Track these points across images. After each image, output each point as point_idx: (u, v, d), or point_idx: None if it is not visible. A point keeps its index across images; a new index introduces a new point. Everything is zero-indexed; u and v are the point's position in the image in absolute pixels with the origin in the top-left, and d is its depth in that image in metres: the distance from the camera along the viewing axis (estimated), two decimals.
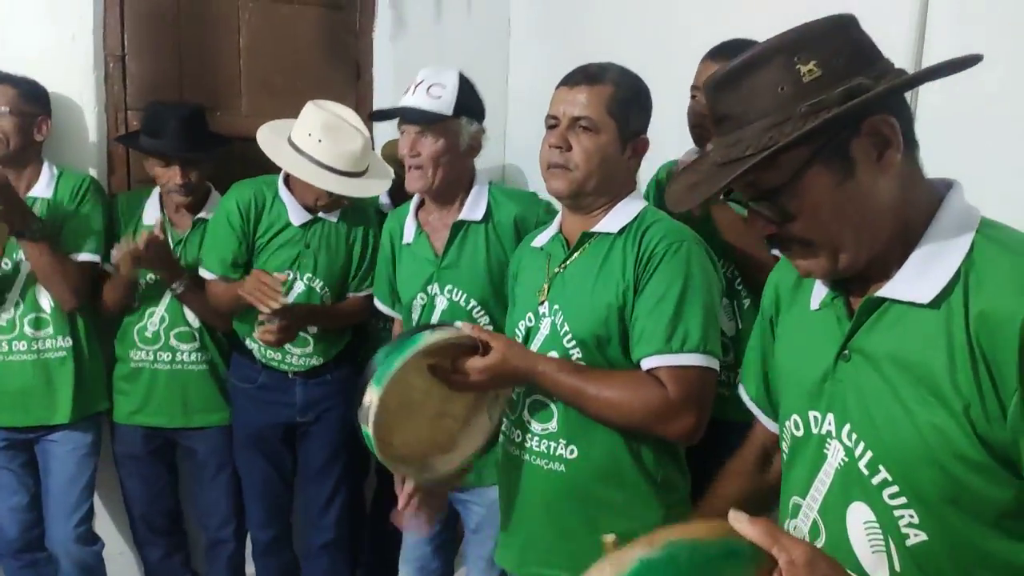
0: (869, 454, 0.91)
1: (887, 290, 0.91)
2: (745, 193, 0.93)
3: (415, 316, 1.97)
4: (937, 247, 0.89)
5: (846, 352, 0.94)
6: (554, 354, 1.50)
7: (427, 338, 1.38)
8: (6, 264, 2.22)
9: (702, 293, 1.42)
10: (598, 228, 1.51)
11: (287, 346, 2.31)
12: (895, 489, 0.89)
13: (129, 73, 2.58)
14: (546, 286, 1.54)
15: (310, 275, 2.30)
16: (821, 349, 0.97)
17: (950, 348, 0.84)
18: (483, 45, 2.85)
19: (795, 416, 1.02)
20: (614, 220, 1.51)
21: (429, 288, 1.93)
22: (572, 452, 1.49)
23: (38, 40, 2.38)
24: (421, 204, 2.01)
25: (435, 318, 1.92)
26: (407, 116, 1.87)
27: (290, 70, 2.69)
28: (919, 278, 0.88)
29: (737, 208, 1.51)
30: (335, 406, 2.41)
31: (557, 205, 1.67)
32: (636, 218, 1.50)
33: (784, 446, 1.06)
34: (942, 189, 0.93)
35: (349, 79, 2.85)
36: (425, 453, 1.49)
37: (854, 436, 0.92)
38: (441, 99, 1.85)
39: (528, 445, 1.54)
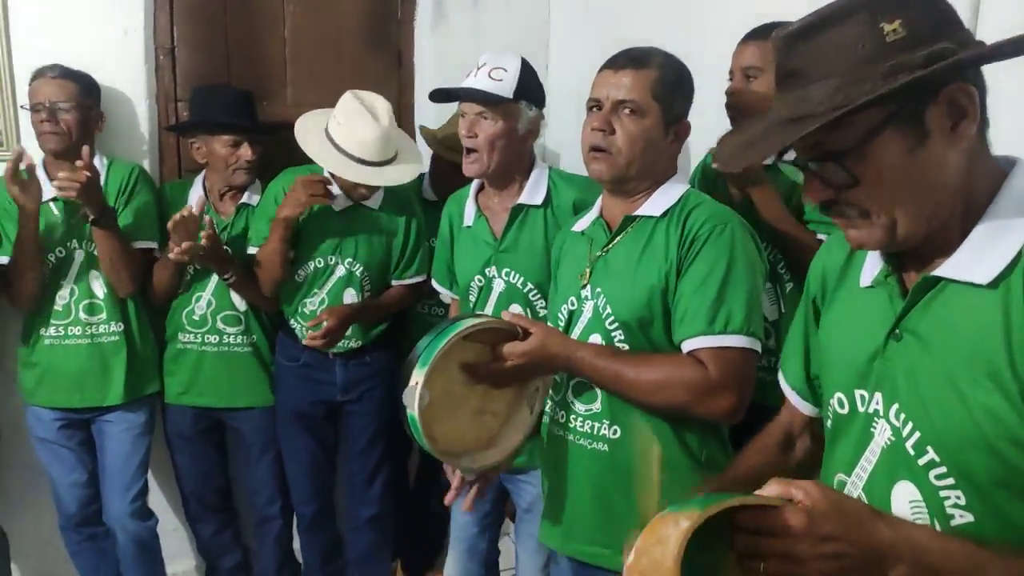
0: (917, 435, 0.90)
1: (945, 269, 0.88)
2: (807, 153, 0.90)
3: (472, 298, 2.00)
4: (999, 226, 0.86)
5: (897, 332, 0.93)
6: (597, 337, 1.50)
7: (468, 321, 1.41)
8: (60, 252, 2.30)
9: (746, 275, 1.42)
10: (641, 211, 1.51)
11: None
12: (942, 470, 0.88)
13: (179, 65, 2.65)
14: (588, 270, 1.54)
15: (351, 260, 2.36)
16: (871, 328, 0.96)
17: (1007, 329, 0.83)
18: (523, 32, 2.86)
19: (840, 394, 1.01)
20: (657, 203, 1.50)
21: (487, 270, 1.96)
22: (616, 432, 1.50)
23: (93, 36, 2.45)
24: (481, 187, 2.03)
25: (492, 300, 1.95)
26: (468, 96, 1.89)
27: (333, 60, 2.73)
28: (979, 258, 0.86)
29: (788, 170, 1.53)
30: (375, 387, 2.46)
31: None
32: (679, 201, 1.50)
33: (827, 424, 1.05)
34: (1005, 167, 0.91)
35: (391, 68, 2.88)
36: (468, 449, 1.51)
37: (902, 416, 0.92)
38: (503, 82, 1.87)
39: (572, 425, 1.55)
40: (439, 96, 1.99)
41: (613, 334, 1.49)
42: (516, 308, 1.92)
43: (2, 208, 2.26)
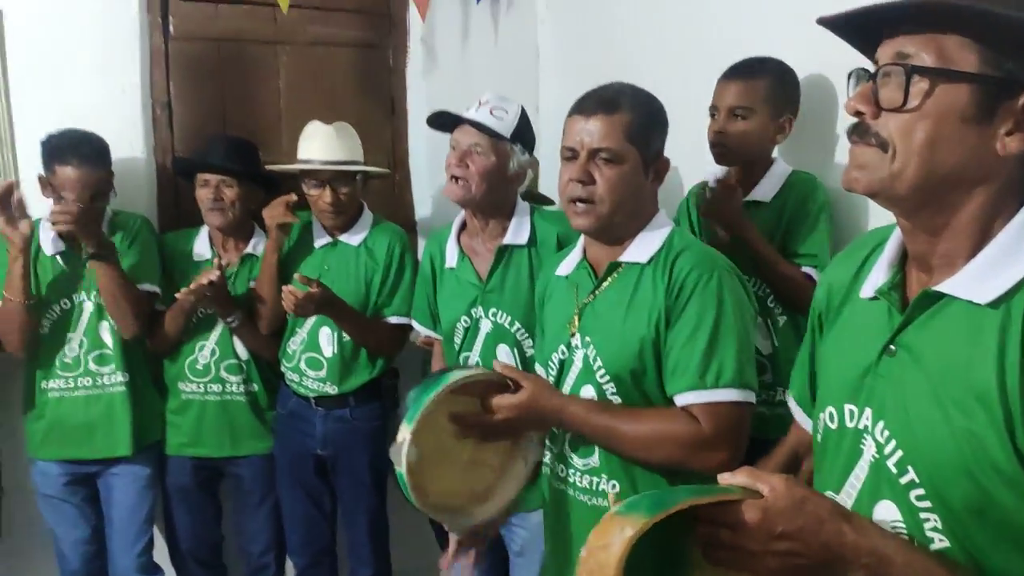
0: (899, 453, 0.89)
1: (947, 285, 0.87)
2: (890, 46, 0.88)
3: (458, 339, 2.00)
4: (1009, 250, 0.85)
5: (892, 348, 0.91)
6: (589, 388, 1.47)
7: (457, 374, 1.36)
8: (65, 304, 2.31)
9: (735, 323, 1.39)
10: (626, 258, 1.48)
11: (303, 367, 2.38)
12: (921, 492, 0.87)
13: (175, 119, 2.69)
14: (576, 317, 1.51)
15: None
16: (867, 342, 0.95)
17: (1002, 354, 0.82)
18: (512, 75, 2.91)
19: (831, 408, 1.00)
20: (642, 249, 1.47)
21: (473, 311, 1.96)
22: (614, 487, 1.46)
23: (91, 93, 2.49)
24: (462, 228, 2.04)
25: (479, 341, 1.95)
26: (469, 124, 1.91)
27: (328, 109, 2.77)
28: (984, 277, 0.85)
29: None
30: (356, 447, 2.43)
31: None
32: (664, 245, 1.47)
33: (817, 438, 1.04)
34: None
35: (384, 115, 2.94)
36: (462, 504, 1.45)
37: (886, 434, 0.91)
38: (503, 121, 1.91)
39: (572, 480, 1.52)
40: (438, 119, 2.01)
41: (605, 387, 1.46)
42: (504, 348, 1.93)
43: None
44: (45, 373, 2.33)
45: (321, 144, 2.37)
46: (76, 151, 2.21)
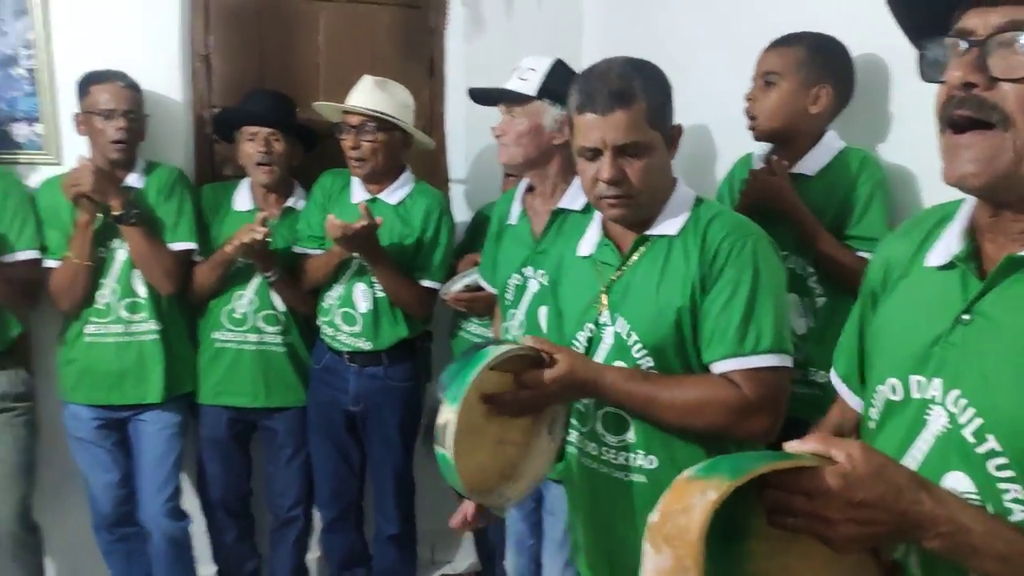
0: (978, 421, 0.86)
1: None
2: (992, 15, 0.82)
3: (509, 296, 2.00)
4: None
5: (966, 316, 0.89)
6: (621, 364, 1.45)
7: (494, 350, 1.31)
8: (100, 251, 2.33)
9: (772, 290, 1.37)
10: (655, 231, 1.45)
11: (338, 322, 2.41)
12: (1003, 460, 0.84)
13: (213, 71, 2.69)
14: (604, 295, 1.47)
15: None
16: (937, 312, 0.92)
17: None
18: (555, 41, 2.85)
19: (893, 380, 0.96)
20: (670, 221, 1.45)
21: (524, 270, 1.96)
22: (652, 462, 1.44)
23: (129, 42, 2.49)
24: (530, 188, 2.04)
25: (525, 300, 1.95)
26: (494, 94, 1.96)
27: (367, 67, 2.74)
28: None
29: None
30: (387, 406, 2.45)
31: None
32: (692, 215, 1.44)
33: (873, 412, 1.00)
34: None
35: (423, 76, 2.91)
36: (493, 484, 1.40)
37: (962, 402, 0.87)
38: (528, 81, 1.91)
39: (605, 458, 1.49)
40: (473, 95, 2.03)
41: (640, 361, 1.43)
42: (545, 311, 1.88)
43: (51, 214, 2.32)
44: (79, 318, 2.36)
45: (357, 92, 2.38)
46: (110, 73, 2.31)
